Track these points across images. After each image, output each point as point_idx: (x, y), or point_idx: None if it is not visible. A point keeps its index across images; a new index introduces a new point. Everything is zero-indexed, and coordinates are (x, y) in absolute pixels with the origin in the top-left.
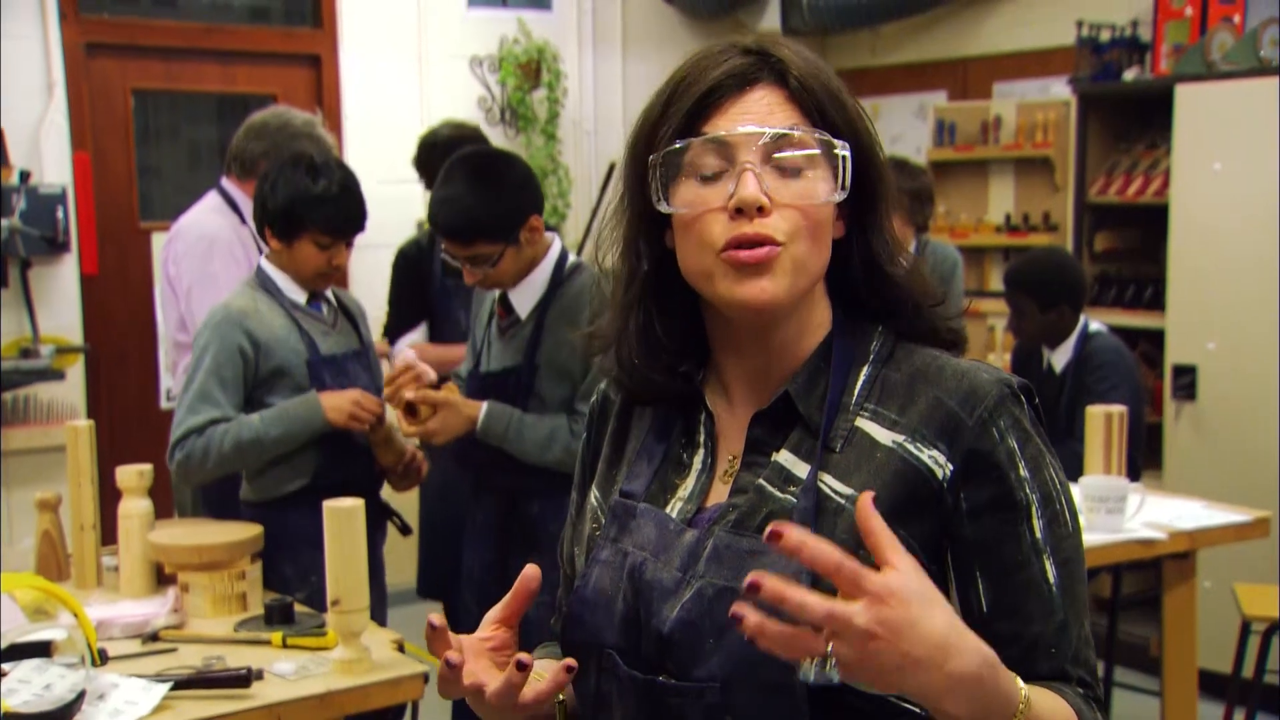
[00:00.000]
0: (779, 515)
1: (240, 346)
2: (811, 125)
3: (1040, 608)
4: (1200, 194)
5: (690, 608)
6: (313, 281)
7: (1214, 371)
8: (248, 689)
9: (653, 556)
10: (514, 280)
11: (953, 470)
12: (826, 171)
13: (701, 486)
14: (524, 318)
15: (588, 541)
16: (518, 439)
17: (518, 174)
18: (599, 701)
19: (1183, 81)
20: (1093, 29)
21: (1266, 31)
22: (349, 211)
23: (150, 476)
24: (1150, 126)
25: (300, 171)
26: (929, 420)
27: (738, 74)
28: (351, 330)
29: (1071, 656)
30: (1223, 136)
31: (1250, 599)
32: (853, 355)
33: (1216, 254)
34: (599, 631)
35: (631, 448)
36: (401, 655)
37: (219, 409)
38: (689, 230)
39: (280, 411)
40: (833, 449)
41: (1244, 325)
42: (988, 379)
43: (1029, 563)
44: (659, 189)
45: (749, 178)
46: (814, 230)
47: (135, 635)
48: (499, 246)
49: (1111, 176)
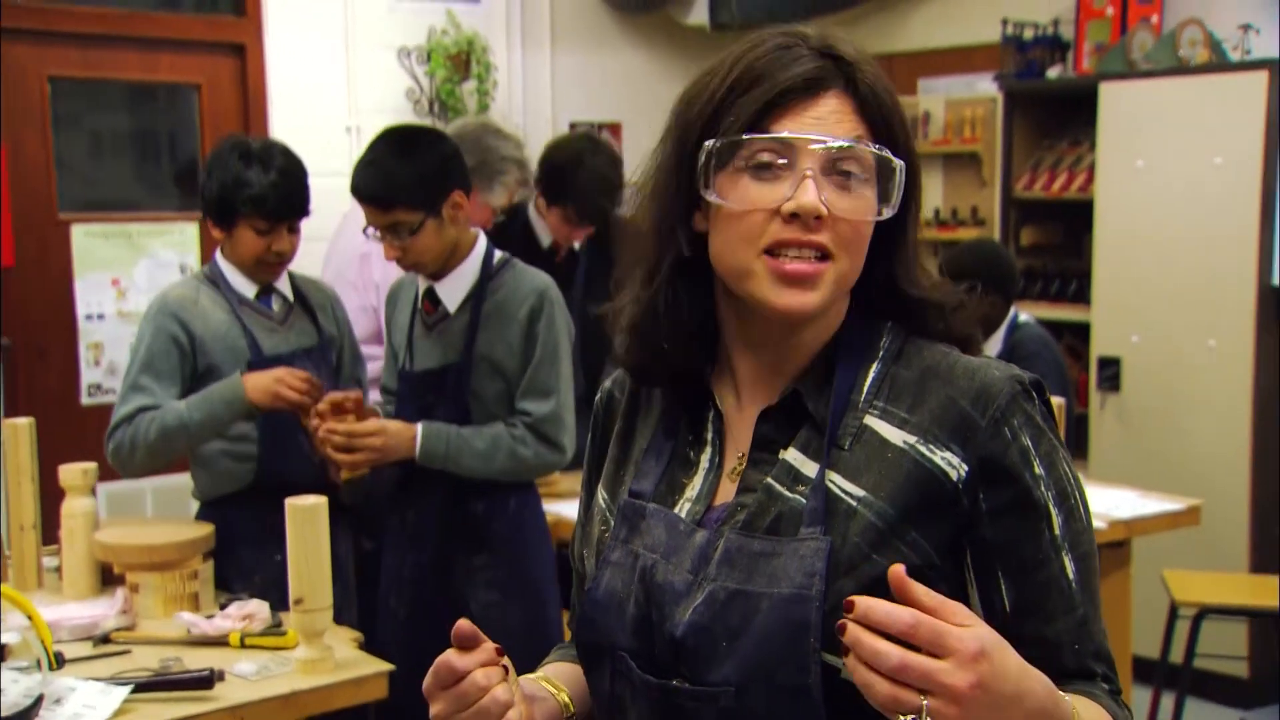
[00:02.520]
0: (788, 515)
1: (174, 336)
2: (874, 138)
3: (1062, 604)
4: (1124, 190)
5: (703, 611)
6: (257, 271)
7: (1138, 363)
8: (210, 690)
9: (664, 559)
10: (435, 261)
11: (968, 472)
12: (876, 186)
13: (709, 485)
14: (453, 311)
15: (597, 543)
16: (458, 457)
17: (444, 147)
18: (614, 704)
19: (1106, 80)
20: (1017, 27)
21: (1185, 32)
22: (283, 194)
23: (94, 475)
24: (1073, 123)
25: (234, 157)
26: (941, 420)
27: (810, 77)
28: (309, 325)
29: (1094, 652)
30: (1145, 134)
31: (1179, 585)
32: (862, 353)
33: (1140, 248)
34: (612, 634)
35: (638, 446)
36: (365, 654)
37: (151, 397)
38: (732, 224)
39: (204, 395)
40: (841, 447)
41: (1167, 318)
42: (999, 376)
43: (1049, 560)
44: (707, 177)
45: (810, 185)
46: (859, 244)
47: (84, 638)
48: (419, 215)
49: (1037, 172)
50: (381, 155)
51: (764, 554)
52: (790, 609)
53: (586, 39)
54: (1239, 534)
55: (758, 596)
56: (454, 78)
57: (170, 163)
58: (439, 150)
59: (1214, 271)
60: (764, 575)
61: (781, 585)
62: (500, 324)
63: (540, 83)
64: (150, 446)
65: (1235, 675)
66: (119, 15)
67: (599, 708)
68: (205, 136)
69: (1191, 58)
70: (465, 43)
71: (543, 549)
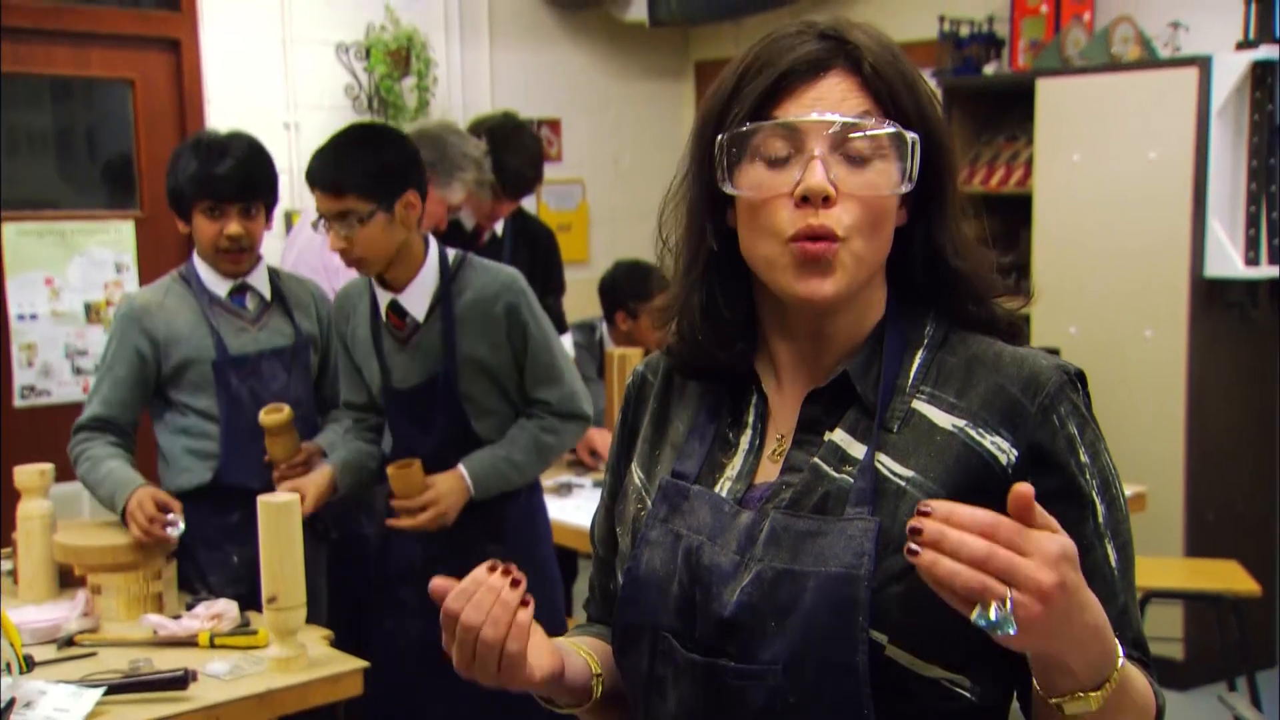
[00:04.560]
0: (835, 495)
1: (137, 347)
2: (884, 113)
3: (1104, 591)
4: (1061, 184)
5: (751, 591)
6: (220, 261)
7: (1076, 354)
8: (185, 691)
9: (709, 540)
10: (379, 260)
11: (1018, 457)
12: (895, 161)
13: (749, 465)
14: (422, 319)
15: (633, 522)
16: (509, 476)
17: (406, 147)
18: (652, 684)
19: (1042, 76)
20: (953, 24)
21: (1117, 30)
22: (228, 176)
23: (51, 476)
24: (1010, 119)
25: (187, 149)
26: (990, 406)
27: (812, 59)
28: (285, 324)
29: (1133, 640)
30: (1081, 129)
31: None
32: (906, 340)
33: (1077, 241)
34: (655, 614)
35: (675, 428)
36: (338, 651)
37: (106, 407)
38: (754, 214)
39: (113, 478)
40: (889, 430)
41: (1104, 309)
42: (1047, 365)
43: (1093, 548)
44: (725, 170)
45: (816, 166)
46: (875, 222)
47: (46, 641)
48: (370, 205)
49: (975, 166)
50: (341, 144)
51: (810, 533)
52: (839, 588)
53: (526, 35)
54: (1174, 519)
55: (805, 576)
56: (393, 74)
57: (103, 160)
58: (400, 148)
59: (1149, 263)
60: (811, 555)
61: (829, 564)
62: (479, 324)
63: (480, 79)
64: (79, 475)
65: (1171, 658)
66: (49, 9)
67: (634, 689)
68: (139, 133)
69: (1124, 55)
70: (404, 38)
71: (548, 535)
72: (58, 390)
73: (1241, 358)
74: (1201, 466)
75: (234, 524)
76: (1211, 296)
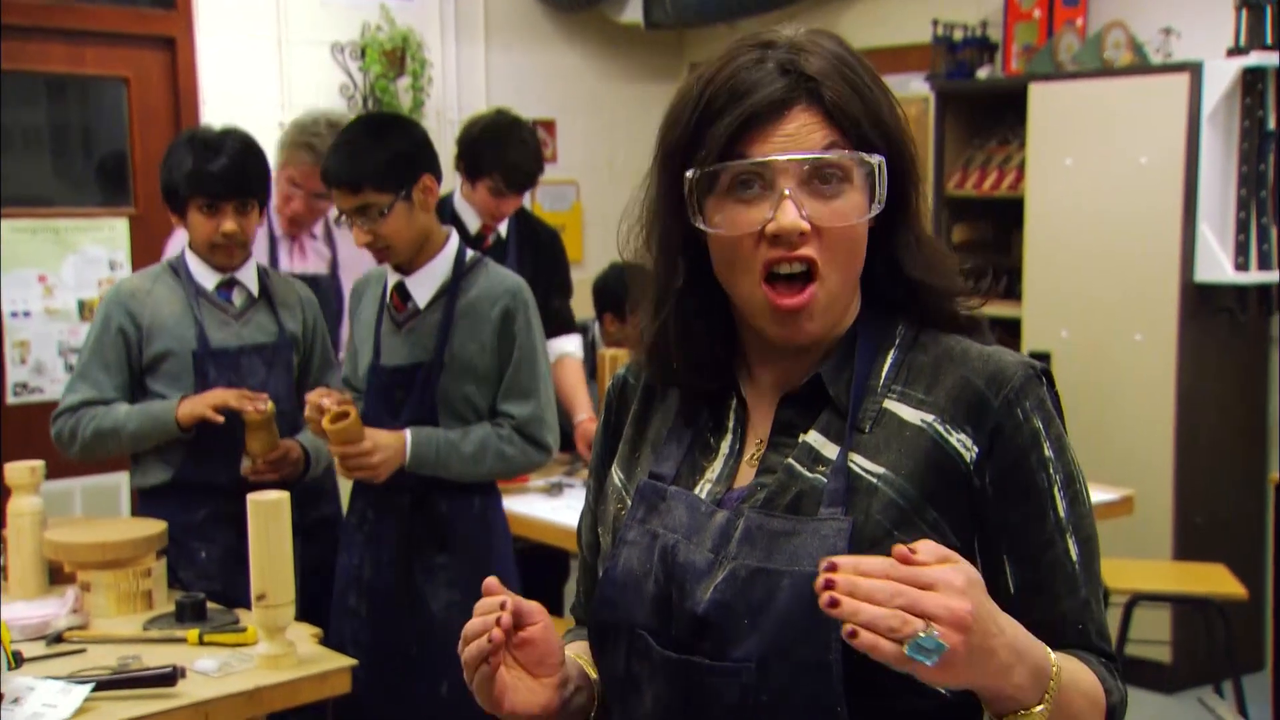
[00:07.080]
0: (809, 495)
1: (121, 327)
2: (848, 140)
3: (1066, 586)
4: (1053, 188)
5: (724, 589)
6: (213, 255)
7: (1068, 358)
8: (173, 687)
9: (684, 538)
10: (408, 247)
11: (979, 452)
12: (863, 186)
13: (729, 469)
14: (423, 306)
15: (613, 522)
16: (447, 462)
17: (415, 132)
18: (628, 682)
19: (1035, 80)
20: (946, 28)
21: (1109, 35)
22: (224, 174)
23: (42, 473)
24: (1003, 123)
25: (182, 146)
26: (957, 400)
27: (777, 100)
28: (269, 321)
29: (1095, 632)
30: (1073, 133)
31: (1110, 572)
32: (878, 342)
33: (1069, 245)
34: (631, 612)
35: (655, 430)
36: (327, 649)
37: (96, 389)
38: (725, 248)
39: (144, 408)
40: (862, 430)
41: (1096, 313)
42: (1012, 361)
43: (1054, 542)
44: (695, 207)
45: (789, 206)
46: (850, 250)
47: (36, 637)
48: (388, 197)
49: (968, 170)
50: (351, 138)
51: (784, 533)
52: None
53: (521, 35)
54: (1164, 522)
55: (778, 574)
56: (389, 74)
57: (98, 157)
58: (410, 134)
59: (1140, 268)
60: (784, 554)
61: (803, 563)
62: (473, 323)
63: (475, 79)
64: (85, 443)
65: (1159, 660)
66: (44, 7)
67: (610, 688)
68: (134, 131)
69: (1115, 60)
70: (400, 39)
71: (504, 548)
72: (50, 388)
73: (1231, 362)
74: (1190, 470)
75: (200, 521)
76: (1201, 301)
